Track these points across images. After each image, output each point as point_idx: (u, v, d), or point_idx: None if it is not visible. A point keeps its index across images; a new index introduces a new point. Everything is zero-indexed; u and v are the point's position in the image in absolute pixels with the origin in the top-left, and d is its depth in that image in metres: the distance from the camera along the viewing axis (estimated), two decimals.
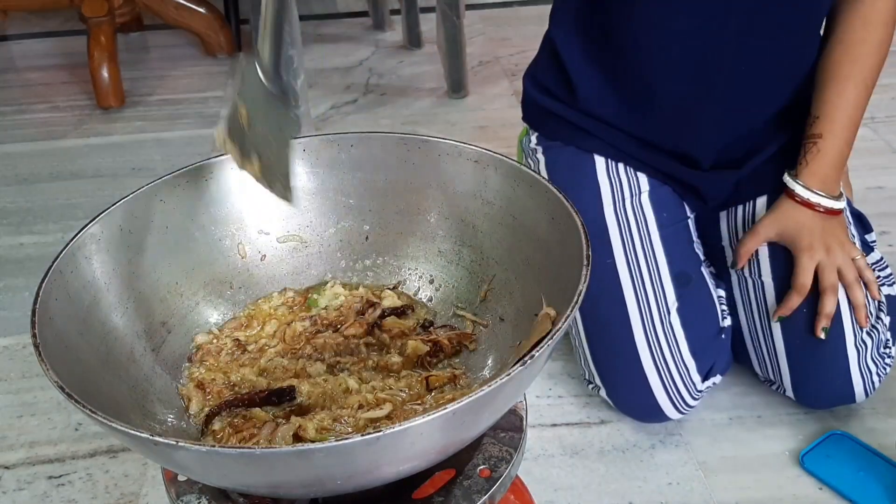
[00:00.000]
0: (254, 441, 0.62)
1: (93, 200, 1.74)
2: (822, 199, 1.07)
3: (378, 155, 0.77)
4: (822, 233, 1.08)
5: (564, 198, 0.66)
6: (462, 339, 0.72)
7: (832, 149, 1.07)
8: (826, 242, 1.07)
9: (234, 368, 0.70)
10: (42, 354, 0.55)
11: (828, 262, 1.07)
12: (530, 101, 1.22)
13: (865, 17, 1.05)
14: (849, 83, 1.05)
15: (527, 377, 0.56)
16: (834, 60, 1.06)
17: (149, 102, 2.16)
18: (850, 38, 1.05)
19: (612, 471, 1.09)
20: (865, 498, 1.03)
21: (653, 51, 1.06)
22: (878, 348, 1.09)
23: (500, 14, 2.64)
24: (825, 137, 1.07)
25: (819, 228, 1.08)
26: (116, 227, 0.69)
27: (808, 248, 1.07)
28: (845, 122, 1.06)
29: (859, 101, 1.06)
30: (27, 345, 1.33)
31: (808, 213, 1.08)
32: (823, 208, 1.07)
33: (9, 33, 2.64)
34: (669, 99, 1.09)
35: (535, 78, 1.21)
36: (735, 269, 1.14)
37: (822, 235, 1.07)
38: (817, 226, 1.08)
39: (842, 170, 1.10)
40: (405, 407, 0.66)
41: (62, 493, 1.09)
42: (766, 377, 1.16)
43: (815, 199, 1.07)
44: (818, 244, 1.07)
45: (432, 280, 0.78)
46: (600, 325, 1.10)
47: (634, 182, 1.14)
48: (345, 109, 2.09)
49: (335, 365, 0.70)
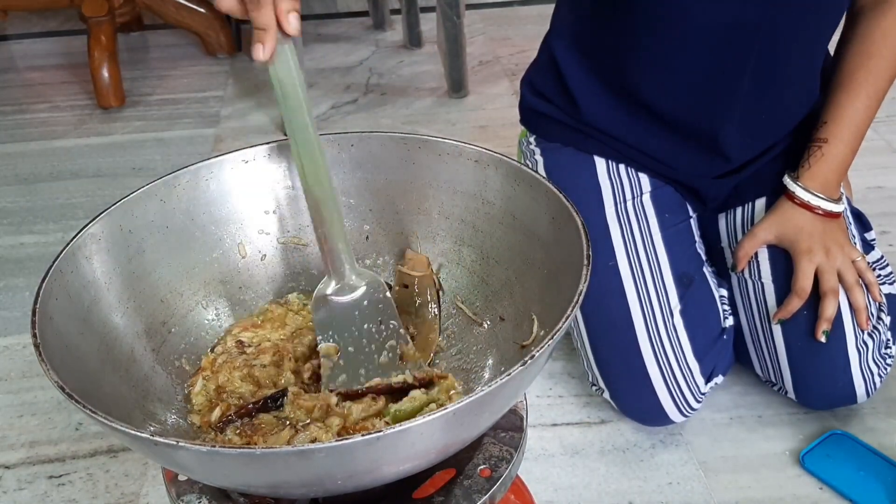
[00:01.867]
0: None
1: (93, 200, 1.74)
2: (821, 201, 1.07)
3: (378, 155, 0.77)
4: (821, 235, 1.07)
5: (565, 198, 0.66)
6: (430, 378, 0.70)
7: (836, 154, 1.07)
8: (826, 245, 1.07)
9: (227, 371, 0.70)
10: (42, 354, 0.55)
11: (827, 265, 1.06)
12: (528, 106, 1.21)
13: (885, 30, 1.05)
14: (861, 93, 1.06)
15: (527, 377, 0.56)
16: (849, 69, 1.06)
17: (149, 102, 2.16)
18: (867, 49, 1.05)
19: (613, 471, 1.09)
20: (866, 498, 1.03)
21: (658, 84, 1.06)
22: (879, 349, 1.09)
23: (500, 14, 2.64)
24: (831, 142, 1.07)
25: (818, 231, 1.08)
26: (116, 227, 0.69)
27: (808, 252, 1.07)
28: (853, 129, 1.07)
29: (869, 111, 1.06)
30: (27, 345, 1.33)
31: (807, 215, 1.08)
32: (823, 211, 1.07)
33: (9, 33, 2.64)
34: (680, 125, 1.09)
35: (534, 85, 1.20)
36: (734, 273, 1.14)
37: (822, 238, 1.07)
38: (817, 228, 1.08)
39: (843, 175, 1.10)
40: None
41: (62, 492, 1.09)
42: (767, 378, 1.15)
43: (815, 201, 1.07)
44: (817, 247, 1.07)
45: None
46: (603, 327, 1.10)
47: (636, 182, 1.14)
48: (345, 109, 2.09)
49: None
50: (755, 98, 1.05)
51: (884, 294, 1.11)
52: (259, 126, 2.00)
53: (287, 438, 0.63)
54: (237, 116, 2.06)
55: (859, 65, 1.06)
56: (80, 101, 2.17)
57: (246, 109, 2.09)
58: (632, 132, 1.12)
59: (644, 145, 1.12)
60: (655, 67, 1.05)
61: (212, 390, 0.69)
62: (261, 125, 2.00)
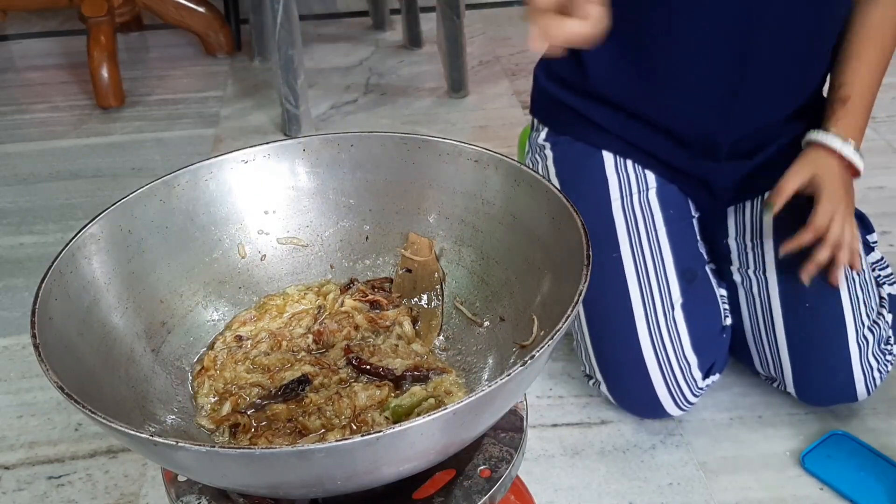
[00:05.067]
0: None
1: (93, 200, 1.74)
2: (851, 152, 1.08)
3: (378, 155, 0.77)
4: (846, 190, 1.08)
5: (564, 198, 0.66)
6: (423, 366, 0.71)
7: (860, 108, 1.09)
8: (846, 200, 1.07)
9: (231, 366, 0.70)
10: (42, 354, 0.55)
11: (840, 216, 1.06)
12: (540, 90, 1.22)
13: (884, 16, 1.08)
14: (873, 60, 1.09)
15: (527, 377, 0.56)
16: (859, 39, 1.09)
17: (148, 102, 2.16)
18: (875, 23, 1.09)
19: (613, 471, 1.09)
20: (866, 498, 1.03)
21: (683, 39, 1.06)
22: (879, 345, 1.09)
23: (500, 14, 2.64)
24: (853, 99, 1.09)
25: (846, 184, 1.08)
26: (116, 227, 0.69)
27: (831, 196, 1.06)
28: (869, 92, 1.10)
29: (880, 76, 1.11)
30: (27, 345, 1.33)
31: (835, 162, 1.08)
32: (850, 162, 1.08)
33: (9, 33, 2.64)
34: (695, 86, 1.09)
35: (549, 67, 1.20)
36: (770, 214, 1.11)
37: (846, 193, 1.08)
38: (845, 180, 1.08)
39: (863, 131, 1.11)
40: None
41: (62, 493, 1.09)
42: (767, 374, 1.16)
43: (847, 150, 1.08)
44: (839, 197, 1.07)
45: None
46: (604, 318, 1.10)
47: (642, 179, 1.15)
48: (345, 109, 2.09)
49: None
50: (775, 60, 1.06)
51: (885, 294, 1.11)
52: (259, 126, 2.00)
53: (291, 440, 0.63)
54: (237, 116, 2.06)
55: (865, 37, 1.09)
56: (80, 101, 2.17)
57: (246, 109, 2.09)
58: (640, 99, 1.12)
59: (651, 111, 1.12)
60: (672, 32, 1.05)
61: (220, 388, 0.69)
62: (260, 125, 2.00)
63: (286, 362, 0.71)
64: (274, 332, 0.73)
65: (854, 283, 1.08)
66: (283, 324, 0.75)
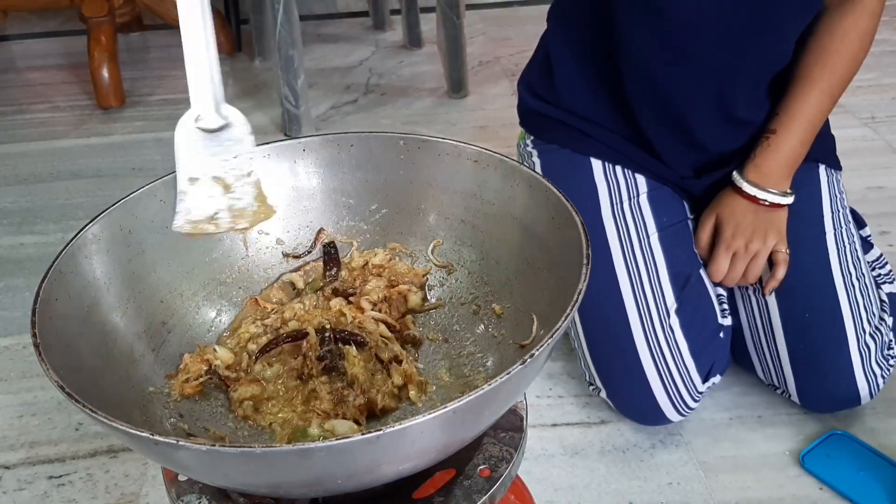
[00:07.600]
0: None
1: (93, 200, 1.74)
2: (765, 193, 1.08)
3: (378, 155, 0.77)
4: (751, 224, 1.09)
5: (564, 197, 0.66)
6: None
7: (784, 145, 1.08)
8: (750, 234, 1.09)
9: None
10: (42, 354, 0.55)
11: (744, 254, 1.09)
12: (525, 106, 1.22)
13: (846, 29, 1.05)
14: (815, 88, 1.06)
15: (526, 376, 0.56)
16: (807, 64, 1.07)
17: (149, 102, 2.16)
18: (826, 46, 1.06)
19: (613, 471, 1.09)
20: (866, 498, 1.03)
21: (637, 73, 1.07)
22: (881, 350, 1.09)
23: (500, 14, 2.65)
24: (779, 133, 1.08)
25: (749, 220, 1.09)
26: (116, 227, 0.69)
27: (729, 238, 1.10)
28: (803, 122, 1.07)
29: (822, 106, 1.07)
30: (27, 345, 1.33)
31: (743, 203, 1.10)
32: (769, 203, 1.09)
33: (9, 33, 2.64)
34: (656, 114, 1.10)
35: (530, 85, 1.21)
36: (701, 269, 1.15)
37: (751, 226, 1.09)
38: (747, 217, 1.09)
39: (792, 166, 1.10)
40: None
41: (62, 493, 1.09)
42: (770, 382, 1.16)
43: (759, 193, 1.08)
44: (740, 235, 1.09)
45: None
46: (600, 327, 1.10)
47: (633, 183, 1.14)
48: (345, 109, 2.09)
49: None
50: (727, 86, 1.06)
51: (885, 293, 1.11)
52: (259, 126, 2.00)
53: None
54: None
55: (816, 61, 1.06)
56: (80, 101, 2.17)
57: (246, 109, 2.06)
58: (610, 120, 1.13)
59: (628, 134, 1.13)
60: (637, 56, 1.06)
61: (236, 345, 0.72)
62: (261, 125, 2.01)
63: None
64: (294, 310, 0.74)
65: (853, 290, 1.08)
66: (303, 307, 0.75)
